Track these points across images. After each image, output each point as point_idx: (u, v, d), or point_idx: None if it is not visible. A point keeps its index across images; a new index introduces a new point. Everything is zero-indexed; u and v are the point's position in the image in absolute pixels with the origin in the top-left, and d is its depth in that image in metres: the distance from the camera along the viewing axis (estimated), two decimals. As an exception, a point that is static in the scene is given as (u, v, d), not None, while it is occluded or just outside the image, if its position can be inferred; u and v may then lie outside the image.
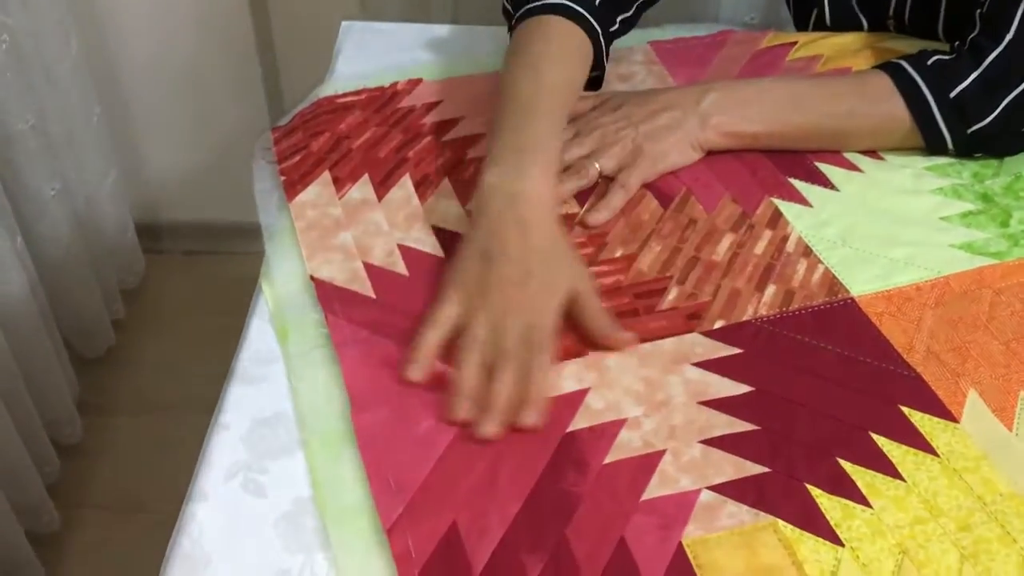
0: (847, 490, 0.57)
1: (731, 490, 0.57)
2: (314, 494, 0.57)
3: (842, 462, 0.58)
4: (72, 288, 1.48)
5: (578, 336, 0.65)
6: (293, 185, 0.77)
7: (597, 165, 0.76)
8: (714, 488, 0.57)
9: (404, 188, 0.77)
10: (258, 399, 0.62)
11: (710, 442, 0.59)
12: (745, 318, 0.67)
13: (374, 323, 0.66)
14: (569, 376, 0.63)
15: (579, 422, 0.60)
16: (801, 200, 0.76)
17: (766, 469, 0.58)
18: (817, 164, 0.80)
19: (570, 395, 0.62)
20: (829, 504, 0.56)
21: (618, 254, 0.72)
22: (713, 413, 0.61)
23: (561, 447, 0.59)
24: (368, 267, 0.70)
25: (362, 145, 0.81)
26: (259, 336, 0.66)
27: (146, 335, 1.66)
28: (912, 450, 0.59)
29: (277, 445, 0.60)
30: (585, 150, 0.77)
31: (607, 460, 0.58)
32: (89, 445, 1.48)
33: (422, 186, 0.77)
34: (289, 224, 0.74)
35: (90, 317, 1.55)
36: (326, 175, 0.78)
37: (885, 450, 0.59)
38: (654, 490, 0.57)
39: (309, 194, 0.76)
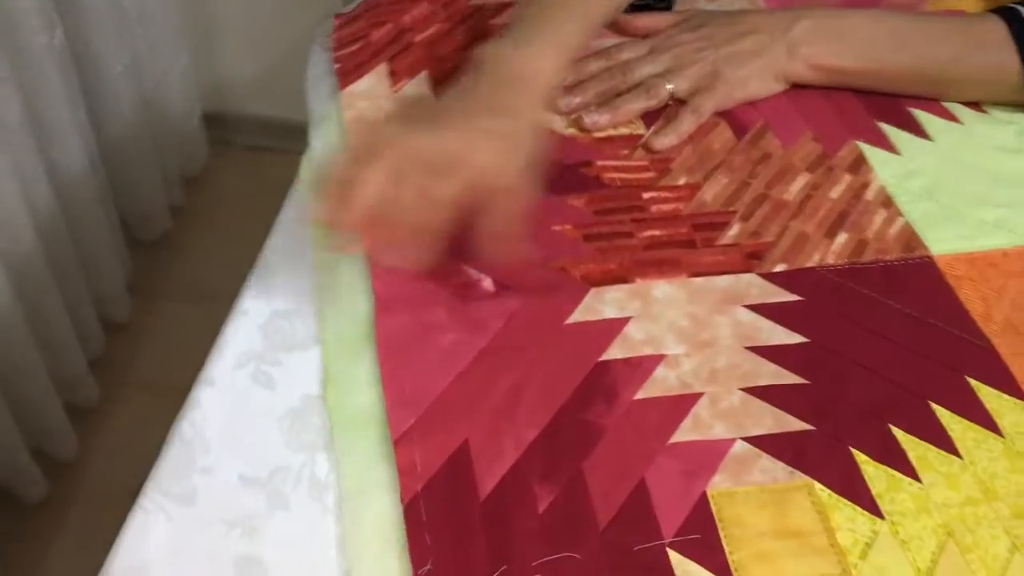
0: (896, 460, 0.52)
1: (768, 444, 0.53)
2: (324, 393, 0.54)
3: (894, 429, 0.54)
4: (132, 168, 1.47)
5: (624, 262, 0.61)
6: (347, 74, 0.73)
7: (670, 86, 0.71)
8: (750, 440, 0.53)
9: (462, 88, 0.72)
10: (282, 290, 0.59)
11: (752, 391, 0.55)
12: (809, 264, 0.62)
13: (412, 225, 0.62)
14: (611, 302, 0.59)
15: (614, 352, 0.56)
16: (889, 147, 0.70)
17: (810, 427, 0.53)
18: (912, 110, 0.73)
19: (609, 322, 0.58)
20: (874, 472, 0.52)
21: (681, 182, 0.67)
22: (760, 361, 0.56)
23: (592, 375, 0.55)
24: (413, 166, 0.66)
25: (424, 40, 0.76)
26: (291, 228, 0.63)
27: (203, 224, 1.66)
28: (974, 426, 0.54)
29: (294, 338, 0.57)
30: (658, 68, 0.72)
31: (638, 396, 0.54)
32: (136, 326, 1.48)
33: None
34: (337, 113, 0.70)
35: (148, 200, 1.54)
36: (383, 67, 0.73)
37: (944, 422, 0.54)
38: (684, 434, 0.53)
39: (362, 84, 0.72)
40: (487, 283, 0.59)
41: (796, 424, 0.54)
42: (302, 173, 0.66)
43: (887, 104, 0.73)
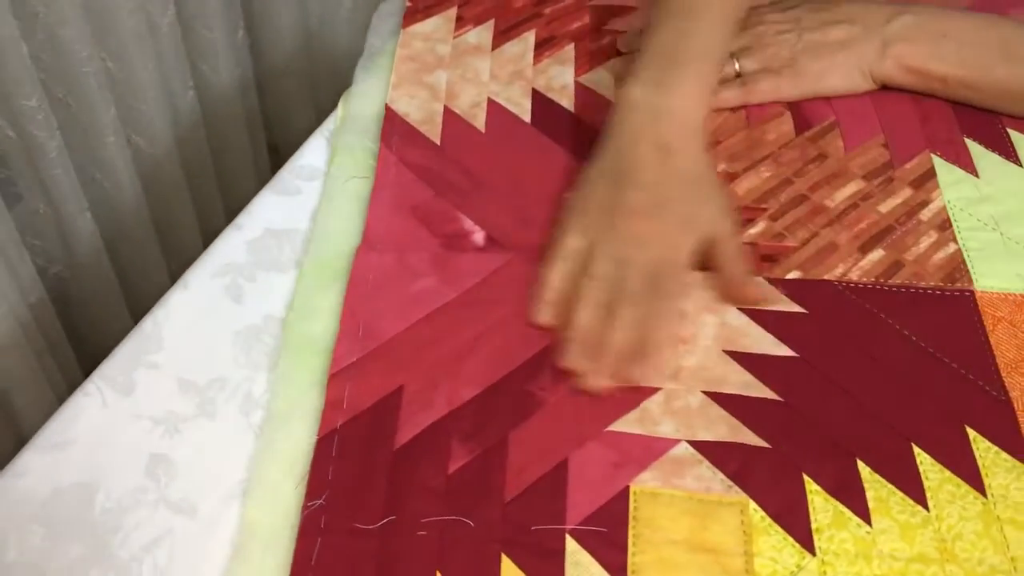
0: (850, 496, 0.47)
1: (714, 452, 0.49)
2: (286, 316, 0.54)
3: (860, 464, 0.49)
4: (286, 98, 1.52)
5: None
6: (415, 13, 0.73)
7: (737, 64, 0.66)
8: (695, 444, 0.49)
9: (524, 43, 0.70)
10: (280, 210, 0.60)
11: (715, 396, 0.51)
12: (828, 277, 0.57)
13: (424, 170, 0.61)
14: (597, 279, 0.56)
15: (581, 329, 0.54)
16: (968, 166, 0.63)
17: (765, 444, 0.49)
18: (1009, 130, 0.65)
19: (587, 299, 0.55)
20: (822, 504, 0.47)
21: (719, 168, 0.63)
22: (735, 367, 0.52)
23: (550, 348, 0.53)
24: (447, 112, 0.65)
25: (502, -10, 0.75)
26: (312, 152, 0.64)
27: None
28: (955, 479, 0.48)
29: (278, 259, 0.57)
30: (732, 46, 0.67)
31: (591, 377, 0.52)
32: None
33: (543, 46, 0.70)
34: (392, 50, 0.70)
35: (302, 129, 1.60)
36: (452, 11, 0.73)
37: (921, 468, 0.49)
38: (625, 425, 0.50)
39: (426, 26, 0.71)
40: (479, 236, 0.58)
41: (751, 438, 0.50)
42: (339, 108, 0.66)
43: (983, 119, 0.66)
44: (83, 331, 1.14)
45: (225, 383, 0.52)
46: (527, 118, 0.65)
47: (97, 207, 1.07)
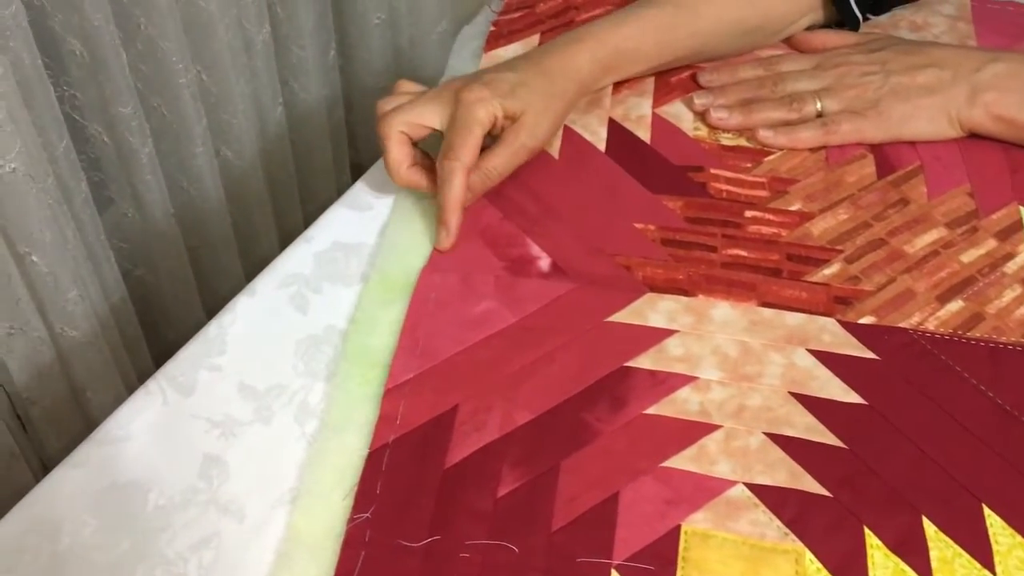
0: (912, 554, 0.45)
1: (771, 497, 0.47)
2: (348, 328, 0.55)
3: (926, 522, 0.47)
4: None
5: (694, 275, 0.57)
6: (498, 38, 0.73)
7: (819, 104, 0.65)
8: (753, 487, 0.48)
9: (605, 74, 0.70)
10: (350, 225, 0.61)
11: (777, 438, 0.50)
12: (903, 324, 0.55)
13: (495, 193, 0.61)
14: (662, 311, 0.55)
15: (643, 361, 0.53)
16: (1060, 220, 0.60)
17: (827, 493, 0.48)
18: (1106, 186, 0.63)
19: (651, 330, 0.54)
20: (882, 560, 0.45)
21: (794, 207, 0.61)
22: (800, 410, 0.51)
23: (609, 378, 0.52)
24: (523, 137, 0.65)
25: (586, 20, 0.75)
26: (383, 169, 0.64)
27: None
28: (1027, 546, 0.46)
29: (344, 272, 0.58)
30: (815, 85, 0.66)
31: (649, 410, 0.51)
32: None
33: (624, 79, 0.70)
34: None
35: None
36: (535, 38, 0.73)
37: (991, 531, 0.46)
38: (681, 462, 0.49)
39: (508, 51, 0.72)
40: (544, 262, 0.58)
41: (812, 485, 0.48)
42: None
43: (1078, 173, 0.63)
44: (160, 332, 1.16)
45: (283, 390, 0.52)
46: (602, 147, 0.65)
47: (182, 213, 1.10)
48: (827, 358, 0.53)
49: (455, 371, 0.52)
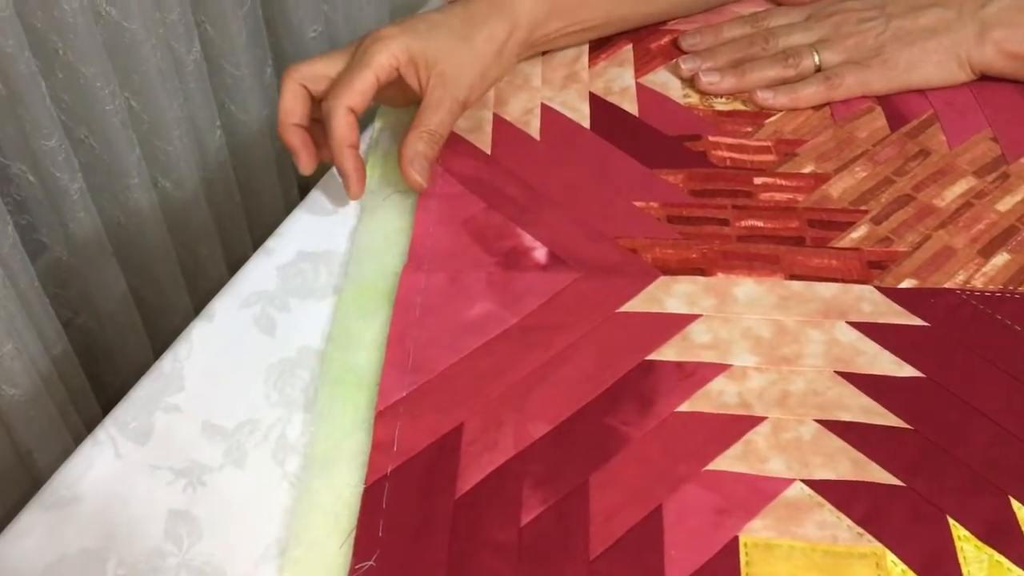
0: (1008, 543, 0.39)
1: (837, 493, 0.41)
2: (325, 347, 0.47)
3: (1015, 503, 0.40)
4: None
5: (709, 252, 0.50)
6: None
7: (816, 57, 0.59)
8: (813, 484, 0.41)
9: (579, 46, 0.64)
10: (315, 231, 0.54)
11: (832, 425, 0.43)
12: (949, 285, 0.49)
13: (474, 181, 0.55)
14: (679, 295, 0.49)
15: (667, 352, 0.46)
16: (1093, 158, 0.55)
17: (899, 482, 0.41)
18: None
19: (671, 316, 0.48)
20: (974, 554, 0.39)
21: (807, 170, 0.55)
22: (852, 391, 0.45)
23: (631, 375, 0.45)
24: (497, 119, 0.59)
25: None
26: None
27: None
28: None
29: (313, 284, 0.51)
30: (810, 38, 0.60)
31: (681, 408, 0.44)
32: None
33: (598, 47, 0.64)
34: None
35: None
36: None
37: (1090, 506, 0.40)
38: (729, 463, 0.42)
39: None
40: (540, 252, 0.51)
41: (881, 475, 0.42)
42: (376, 120, 0.60)
43: (1103, 108, 0.58)
44: (109, 382, 1.07)
45: (256, 426, 0.45)
46: (586, 124, 0.58)
47: (122, 252, 1.02)
48: (871, 329, 0.47)
49: (454, 385, 0.45)
